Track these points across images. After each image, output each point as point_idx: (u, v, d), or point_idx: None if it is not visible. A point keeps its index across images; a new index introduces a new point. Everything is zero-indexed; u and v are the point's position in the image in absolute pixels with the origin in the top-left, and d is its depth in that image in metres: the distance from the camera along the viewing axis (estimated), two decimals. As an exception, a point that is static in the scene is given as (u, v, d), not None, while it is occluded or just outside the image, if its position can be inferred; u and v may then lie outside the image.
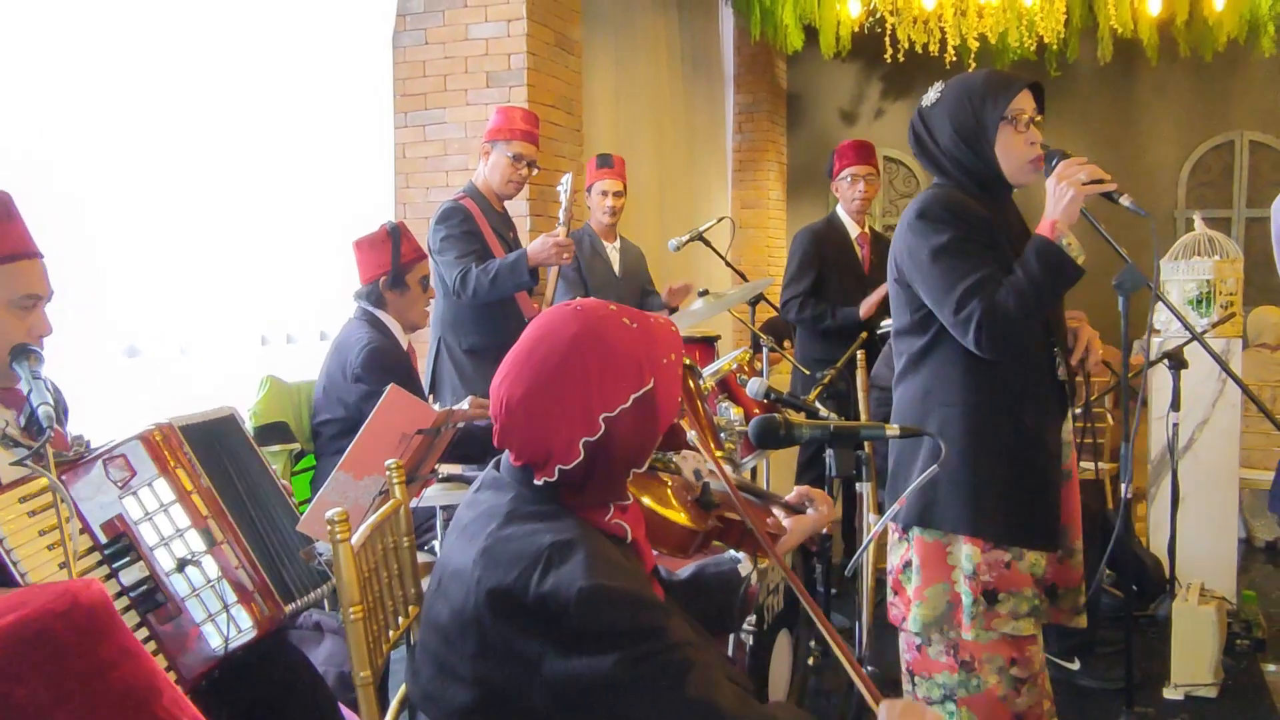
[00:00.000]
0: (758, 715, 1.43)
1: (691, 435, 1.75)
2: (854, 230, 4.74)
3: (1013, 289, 2.19)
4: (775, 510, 1.98)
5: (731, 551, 1.87)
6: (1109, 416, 5.82)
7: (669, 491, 1.80)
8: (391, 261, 3.26)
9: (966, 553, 2.26)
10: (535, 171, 4.00)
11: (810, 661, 3.00)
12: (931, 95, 2.37)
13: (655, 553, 1.73)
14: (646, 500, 1.73)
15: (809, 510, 1.99)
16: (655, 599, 1.44)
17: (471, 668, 1.43)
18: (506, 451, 1.54)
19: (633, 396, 1.45)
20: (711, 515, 1.82)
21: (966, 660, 2.29)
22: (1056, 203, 2.24)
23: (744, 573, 1.83)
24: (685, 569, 1.87)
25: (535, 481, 1.49)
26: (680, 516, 1.76)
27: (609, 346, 1.45)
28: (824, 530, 2.08)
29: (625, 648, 1.35)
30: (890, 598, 2.40)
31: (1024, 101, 2.30)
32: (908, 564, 2.34)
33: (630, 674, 1.35)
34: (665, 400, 1.49)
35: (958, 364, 2.29)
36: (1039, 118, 2.35)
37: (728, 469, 1.81)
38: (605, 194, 4.62)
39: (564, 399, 1.44)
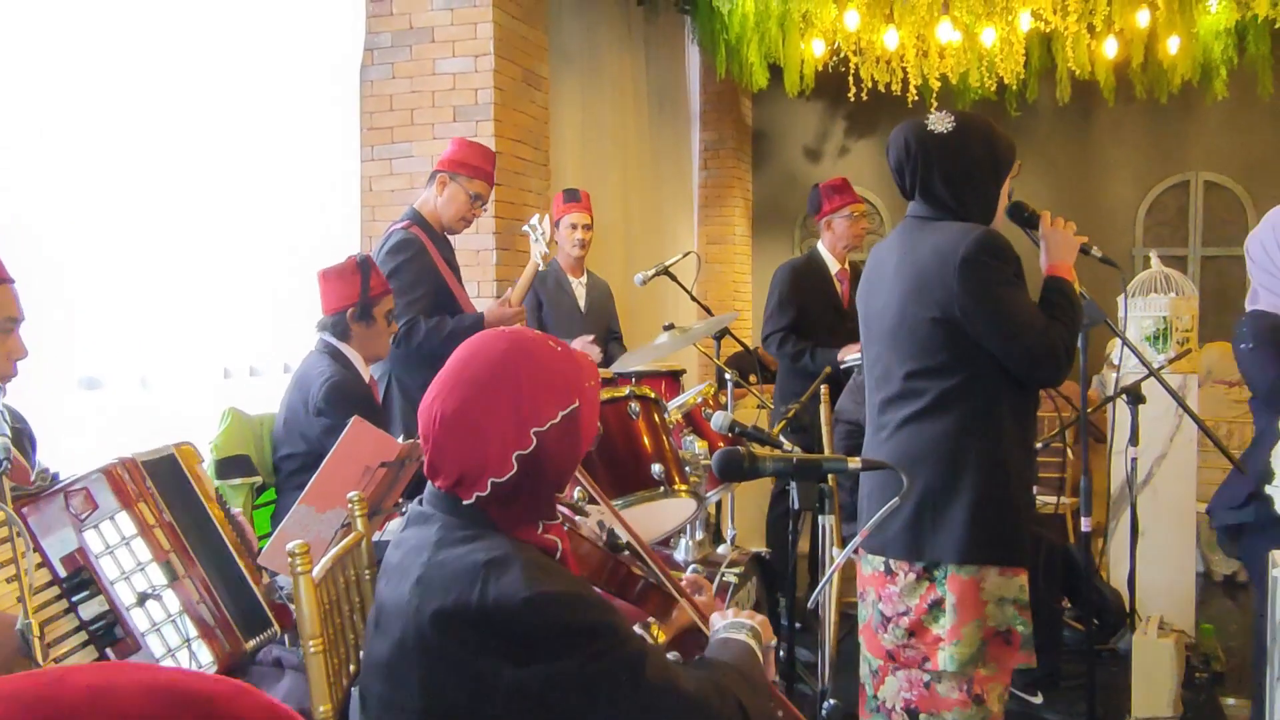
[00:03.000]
0: (715, 688, 1.47)
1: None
2: (834, 266, 4.80)
3: (1065, 323, 2.30)
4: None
5: None
6: (1069, 451, 5.88)
7: (579, 531, 1.85)
8: (360, 294, 3.24)
9: (1019, 584, 2.30)
10: (484, 211, 3.98)
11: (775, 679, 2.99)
12: (944, 124, 2.34)
13: None
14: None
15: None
16: (598, 598, 1.46)
17: (419, 696, 1.42)
18: (429, 484, 1.56)
19: (561, 413, 1.49)
20: (619, 557, 1.87)
21: (979, 694, 2.31)
22: (1065, 250, 2.41)
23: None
24: None
25: (465, 500, 1.49)
26: (594, 546, 1.84)
27: (539, 363, 1.50)
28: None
29: (579, 648, 1.37)
30: (903, 639, 2.35)
31: None
32: (935, 604, 2.31)
33: (589, 671, 1.37)
34: (587, 423, 1.54)
35: (993, 399, 2.32)
36: None
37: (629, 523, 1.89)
38: (574, 227, 4.64)
39: (496, 411, 1.46)
